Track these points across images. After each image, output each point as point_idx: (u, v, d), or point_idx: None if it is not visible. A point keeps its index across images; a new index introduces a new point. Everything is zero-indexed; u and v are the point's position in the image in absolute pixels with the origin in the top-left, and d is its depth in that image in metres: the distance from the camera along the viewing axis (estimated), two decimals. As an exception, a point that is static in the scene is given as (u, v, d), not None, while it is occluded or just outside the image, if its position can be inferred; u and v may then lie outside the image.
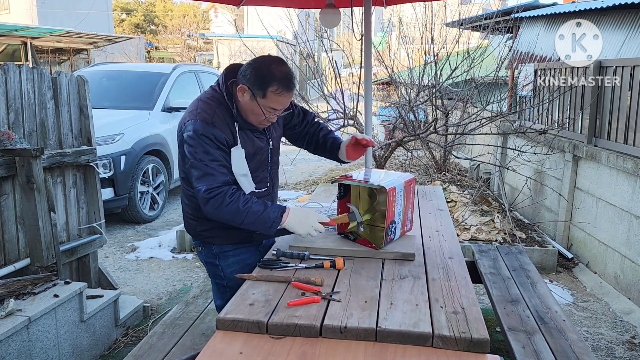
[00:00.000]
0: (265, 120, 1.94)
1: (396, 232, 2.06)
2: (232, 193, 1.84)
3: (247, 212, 1.83)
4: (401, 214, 2.05)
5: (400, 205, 2.02)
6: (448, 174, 7.25)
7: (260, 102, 1.87)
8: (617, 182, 4.13)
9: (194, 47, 30.23)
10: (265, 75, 1.84)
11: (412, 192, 2.12)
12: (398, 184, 2.01)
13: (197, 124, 1.86)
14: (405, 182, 2.06)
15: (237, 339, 1.44)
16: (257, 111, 1.90)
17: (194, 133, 1.85)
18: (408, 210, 2.12)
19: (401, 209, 2.04)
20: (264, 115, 1.90)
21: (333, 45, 7.49)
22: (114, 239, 5.27)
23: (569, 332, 2.39)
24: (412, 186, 2.12)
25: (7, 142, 2.74)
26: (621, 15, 5.37)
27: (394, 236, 2.06)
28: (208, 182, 1.83)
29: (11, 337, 2.38)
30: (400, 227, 2.09)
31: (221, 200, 1.82)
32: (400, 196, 2.02)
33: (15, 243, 2.88)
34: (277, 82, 1.84)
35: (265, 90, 1.84)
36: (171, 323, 2.89)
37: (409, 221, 2.17)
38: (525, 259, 3.41)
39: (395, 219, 2.02)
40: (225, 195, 1.82)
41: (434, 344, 1.40)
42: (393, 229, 2.02)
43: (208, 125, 1.85)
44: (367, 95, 2.67)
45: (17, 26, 13.00)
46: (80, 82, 3.36)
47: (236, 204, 1.82)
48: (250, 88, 1.86)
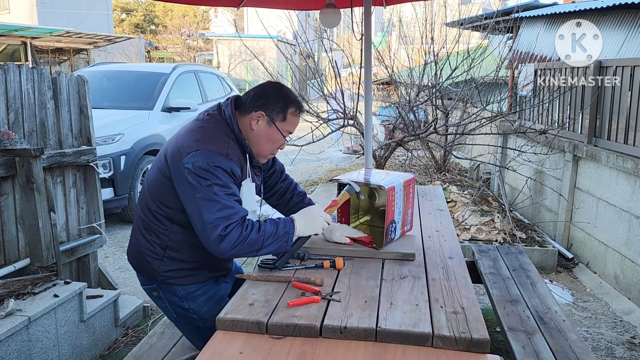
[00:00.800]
0: (278, 147, 1.93)
1: (396, 231, 2.07)
2: (247, 225, 1.72)
3: (264, 237, 1.73)
4: (401, 213, 2.06)
5: (399, 205, 2.03)
6: (448, 174, 7.25)
7: (279, 125, 1.85)
8: (617, 182, 4.13)
9: (194, 47, 30.24)
10: (283, 98, 1.85)
11: (411, 192, 2.12)
12: (397, 183, 2.02)
13: (210, 155, 1.71)
14: (405, 182, 2.07)
15: (237, 339, 1.44)
16: (275, 137, 1.86)
17: (206, 164, 1.69)
18: (408, 210, 2.13)
19: (401, 208, 2.05)
20: (282, 139, 1.89)
21: (333, 45, 7.49)
22: (114, 239, 5.27)
23: (568, 332, 2.39)
24: (412, 186, 2.12)
25: (7, 142, 2.74)
26: (621, 15, 5.37)
27: (394, 236, 2.06)
28: (226, 218, 1.68)
29: (11, 337, 2.38)
30: (400, 226, 2.10)
31: (238, 234, 1.68)
32: (400, 196, 2.02)
33: (15, 243, 2.88)
34: (293, 104, 1.87)
35: (286, 113, 1.84)
36: (171, 323, 2.89)
37: (409, 221, 2.18)
38: (525, 259, 3.41)
39: (395, 218, 2.02)
40: (242, 228, 1.69)
41: (433, 344, 1.40)
42: (393, 229, 2.03)
43: (223, 157, 1.73)
44: (367, 95, 2.67)
45: (17, 26, 13.00)
46: (80, 82, 3.36)
47: (253, 233, 1.71)
48: (268, 114, 1.83)
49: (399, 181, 2.04)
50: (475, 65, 6.22)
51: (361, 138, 6.56)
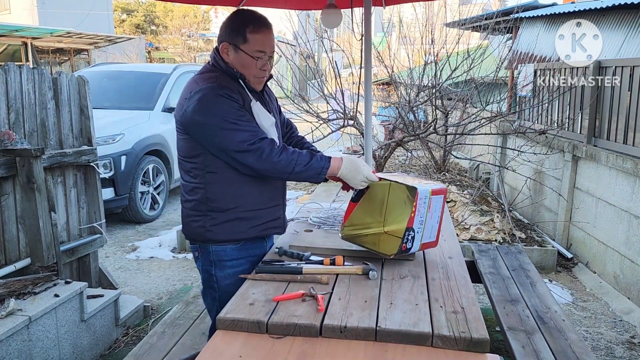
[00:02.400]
0: (260, 71, 1.88)
1: (414, 242, 1.88)
2: (276, 143, 1.79)
3: (297, 160, 1.79)
4: (422, 223, 1.88)
5: (423, 214, 1.87)
6: (448, 174, 7.26)
7: (244, 48, 1.83)
8: (617, 182, 4.13)
9: (194, 48, 30.23)
10: (238, 21, 1.85)
11: (440, 203, 1.94)
12: (426, 191, 1.86)
13: (204, 90, 1.79)
14: (433, 191, 1.89)
15: (237, 339, 1.44)
16: (247, 61, 1.84)
17: (204, 98, 1.77)
18: (431, 222, 1.92)
19: (423, 218, 1.87)
20: (254, 61, 1.84)
21: (333, 46, 7.49)
22: (114, 239, 5.28)
23: (568, 331, 2.39)
24: (442, 197, 1.94)
25: (8, 142, 2.75)
26: (621, 15, 5.38)
27: (411, 246, 1.88)
28: (245, 135, 1.75)
29: (12, 336, 2.39)
30: (420, 238, 1.90)
31: (268, 149, 1.76)
32: (425, 204, 1.86)
33: (15, 243, 2.89)
34: (249, 22, 1.83)
35: (244, 34, 1.82)
36: (171, 323, 2.90)
37: (432, 233, 1.97)
38: (524, 259, 3.41)
39: (414, 227, 1.85)
40: (272, 144, 1.77)
41: (433, 344, 1.40)
42: (410, 238, 1.86)
43: (216, 86, 1.79)
44: (367, 96, 2.67)
45: (18, 26, 13.01)
46: (80, 83, 3.37)
47: (285, 152, 1.78)
48: (230, 42, 1.85)
49: (427, 188, 1.87)
50: (475, 65, 6.22)
51: (361, 138, 6.56)
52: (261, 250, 2.03)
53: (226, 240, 1.93)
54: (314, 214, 2.62)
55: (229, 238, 1.93)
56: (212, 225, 1.92)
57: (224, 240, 1.94)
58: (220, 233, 1.93)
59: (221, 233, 1.93)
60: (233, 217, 1.91)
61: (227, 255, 1.95)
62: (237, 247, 1.95)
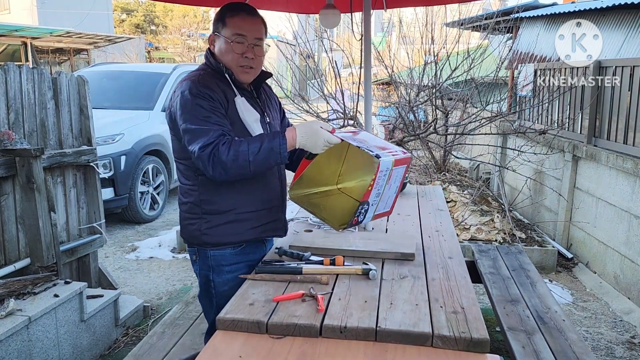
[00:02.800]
0: (242, 58, 1.81)
1: (367, 214, 1.75)
2: (224, 142, 1.68)
3: (248, 150, 1.66)
4: (379, 195, 1.73)
5: (381, 186, 1.70)
6: (448, 174, 7.25)
7: (224, 33, 1.80)
8: (617, 182, 4.13)
9: (194, 48, 30.21)
10: (221, 11, 1.84)
11: (402, 174, 1.79)
12: (388, 163, 1.67)
13: (185, 85, 1.78)
14: (396, 161, 1.71)
15: (237, 339, 1.44)
16: (226, 46, 1.80)
17: (182, 95, 1.76)
18: (388, 193, 1.78)
19: (381, 190, 1.72)
20: (231, 45, 1.79)
21: (333, 46, 7.49)
22: (114, 239, 5.27)
23: (568, 331, 2.39)
24: (405, 167, 1.78)
25: (8, 142, 2.75)
26: (621, 15, 5.37)
27: (363, 219, 1.75)
28: (202, 139, 1.68)
29: (11, 337, 2.38)
30: (373, 210, 1.77)
31: (217, 151, 1.66)
32: (385, 176, 1.69)
33: (15, 243, 2.88)
34: (229, 9, 1.82)
35: (224, 19, 1.81)
36: (171, 323, 2.90)
37: (388, 203, 1.82)
38: (525, 259, 3.41)
39: (370, 200, 1.70)
40: (218, 145, 1.66)
41: (433, 344, 1.40)
42: (364, 211, 1.72)
43: (197, 83, 1.76)
44: (367, 96, 2.67)
45: (18, 26, 13.00)
46: (80, 82, 3.37)
47: (232, 147, 1.66)
48: (214, 32, 1.85)
49: (390, 159, 1.68)
50: (475, 65, 6.22)
51: (361, 138, 6.53)
52: (260, 254, 1.99)
53: (224, 243, 1.88)
54: (314, 214, 2.62)
55: (227, 241, 1.88)
56: (207, 228, 1.87)
57: (221, 244, 1.88)
58: (216, 236, 1.87)
59: (217, 236, 1.87)
60: (230, 219, 1.85)
61: (225, 260, 1.90)
62: (236, 252, 1.90)
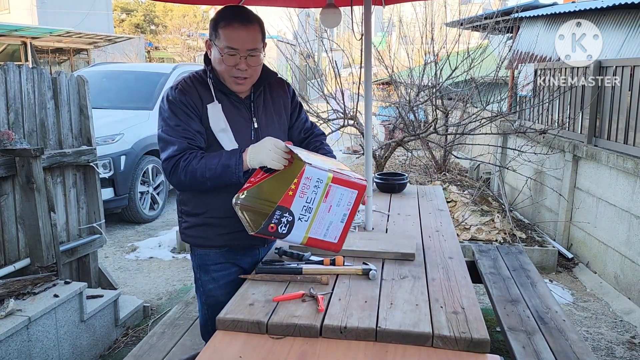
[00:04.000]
0: (234, 69, 1.76)
1: (292, 229, 1.57)
2: (187, 157, 1.70)
3: (206, 166, 1.68)
4: (311, 212, 1.56)
5: (311, 200, 1.55)
6: (448, 174, 7.25)
7: (217, 44, 1.76)
8: (617, 182, 4.13)
9: (194, 47, 30.21)
10: (216, 17, 1.79)
11: (349, 200, 1.60)
12: (322, 174, 1.54)
13: (165, 91, 1.81)
14: (337, 179, 1.56)
15: (237, 339, 1.44)
16: (219, 58, 1.77)
17: (161, 101, 1.80)
18: (328, 216, 1.60)
19: (313, 205, 1.56)
20: (222, 57, 1.74)
21: (333, 45, 7.49)
22: (114, 239, 5.27)
23: (569, 332, 2.39)
24: (354, 193, 1.59)
25: (7, 142, 2.74)
26: (621, 15, 5.37)
27: (285, 231, 1.57)
28: (169, 150, 1.73)
29: (11, 337, 2.38)
30: (305, 229, 1.59)
31: (177, 166, 1.70)
32: (318, 189, 1.54)
33: (15, 243, 2.88)
34: (221, 19, 1.75)
35: (217, 29, 1.75)
36: (171, 323, 2.89)
37: (331, 231, 1.62)
38: (525, 259, 3.41)
39: (292, 209, 1.54)
40: (180, 160, 1.70)
41: (434, 344, 1.39)
42: (285, 221, 1.55)
43: (174, 90, 1.78)
44: (367, 95, 2.66)
45: (17, 26, 12.99)
46: (80, 82, 3.36)
47: (191, 163, 1.69)
48: (210, 39, 1.81)
49: (325, 173, 1.54)
50: (475, 65, 6.22)
51: (361, 138, 6.56)
52: (252, 258, 1.97)
53: (200, 245, 1.92)
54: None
55: (199, 243, 1.91)
56: (185, 228, 1.93)
57: (199, 245, 1.92)
58: (192, 237, 1.92)
59: (192, 237, 1.92)
60: (201, 222, 1.88)
61: (210, 259, 1.92)
62: (221, 252, 1.92)
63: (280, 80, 1.99)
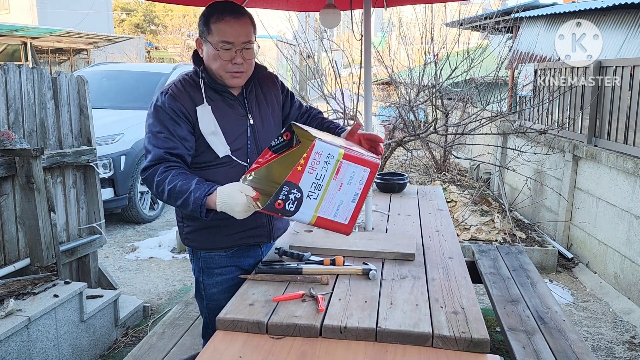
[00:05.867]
0: (230, 64, 1.73)
1: (300, 206, 1.49)
2: (162, 171, 1.64)
3: (175, 193, 1.60)
4: (321, 189, 1.49)
5: (321, 177, 1.48)
6: (448, 174, 7.25)
7: (210, 40, 1.72)
8: (617, 182, 4.13)
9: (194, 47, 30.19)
10: (205, 13, 1.76)
11: (361, 178, 1.54)
12: (333, 150, 1.48)
13: (155, 97, 1.76)
14: (349, 156, 1.50)
15: (237, 339, 1.44)
16: (213, 54, 1.73)
17: (149, 108, 1.75)
18: (339, 195, 1.53)
19: (323, 183, 1.49)
20: (217, 53, 1.71)
21: (333, 45, 7.49)
22: (114, 239, 5.27)
23: (569, 332, 2.39)
24: (366, 172, 1.54)
25: (7, 142, 2.74)
26: (621, 15, 5.37)
27: (293, 208, 1.49)
28: (146, 160, 1.69)
29: (11, 337, 2.38)
30: (314, 208, 1.51)
31: (151, 179, 1.65)
32: (328, 165, 1.48)
33: (15, 243, 2.88)
34: (213, 13, 1.72)
35: (209, 25, 1.71)
36: (171, 323, 2.89)
37: (341, 211, 1.55)
38: (525, 259, 3.40)
39: (301, 185, 1.47)
40: (155, 173, 1.65)
41: (434, 344, 1.39)
42: (293, 198, 1.47)
43: (163, 94, 1.74)
44: (367, 95, 2.66)
45: (17, 26, 12.99)
46: (80, 82, 3.36)
47: (163, 182, 1.62)
48: (200, 36, 1.77)
49: (336, 149, 1.48)
50: (475, 65, 6.22)
51: (361, 138, 6.53)
52: (254, 258, 1.95)
53: (205, 248, 1.88)
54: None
55: (205, 247, 1.88)
56: (187, 233, 1.89)
57: (204, 248, 1.89)
58: (196, 241, 1.89)
59: (196, 241, 1.89)
60: (205, 225, 1.83)
61: (214, 262, 1.89)
62: (227, 255, 1.89)
63: (268, 74, 1.97)
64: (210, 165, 1.78)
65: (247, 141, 1.83)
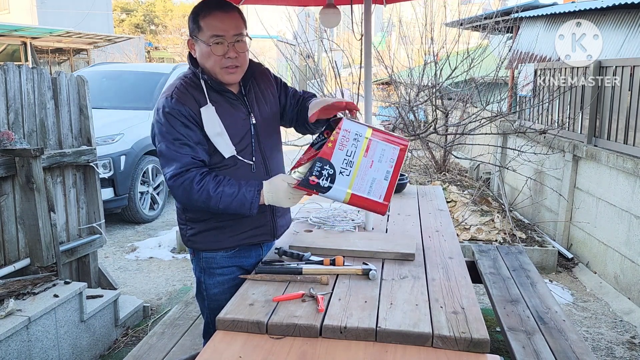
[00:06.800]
0: (223, 59, 1.72)
1: (334, 183, 1.56)
2: (199, 179, 1.67)
3: (221, 196, 1.66)
4: (352, 166, 1.55)
5: (351, 153, 1.55)
6: (448, 174, 7.25)
7: (201, 37, 1.71)
8: (617, 182, 4.13)
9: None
10: (193, 12, 1.75)
11: (391, 156, 1.60)
12: (361, 128, 1.56)
13: (161, 102, 1.74)
14: (377, 133, 1.58)
15: (237, 339, 1.44)
16: (205, 51, 1.72)
17: (157, 112, 1.73)
18: (370, 172, 1.59)
19: (354, 159, 1.55)
20: (209, 48, 1.70)
21: (333, 45, 7.49)
22: (113, 239, 5.27)
23: (569, 332, 2.39)
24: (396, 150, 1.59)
25: (7, 142, 2.74)
26: (621, 15, 5.37)
27: (327, 185, 1.56)
28: (172, 167, 1.68)
29: (11, 337, 2.38)
30: (347, 184, 1.57)
31: (189, 187, 1.66)
32: (358, 142, 1.54)
33: (15, 243, 2.88)
34: (203, 9, 1.71)
35: (198, 22, 1.71)
36: (171, 323, 2.89)
37: (375, 188, 1.60)
38: (525, 259, 3.41)
39: (333, 162, 1.54)
40: (193, 182, 1.66)
41: (433, 344, 1.39)
42: (326, 174, 1.54)
43: (169, 99, 1.71)
44: (367, 95, 2.66)
45: (17, 26, 12.99)
46: (80, 82, 3.36)
47: (206, 189, 1.66)
48: (191, 36, 1.76)
49: (363, 126, 1.57)
50: (475, 65, 6.22)
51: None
52: (255, 258, 1.95)
53: (209, 249, 1.89)
54: (314, 214, 2.62)
55: (209, 247, 1.88)
56: (191, 235, 1.89)
57: (208, 249, 1.89)
58: (200, 242, 1.89)
59: (200, 243, 1.89)
60: (210, 226, 1.84)
61: (216, 262, 1.90)
62: (229, 255, 1.89)
63: (263, 70, 1.97)
64: (215, 167, 1.77)
65: (252, 140, 1.83)
